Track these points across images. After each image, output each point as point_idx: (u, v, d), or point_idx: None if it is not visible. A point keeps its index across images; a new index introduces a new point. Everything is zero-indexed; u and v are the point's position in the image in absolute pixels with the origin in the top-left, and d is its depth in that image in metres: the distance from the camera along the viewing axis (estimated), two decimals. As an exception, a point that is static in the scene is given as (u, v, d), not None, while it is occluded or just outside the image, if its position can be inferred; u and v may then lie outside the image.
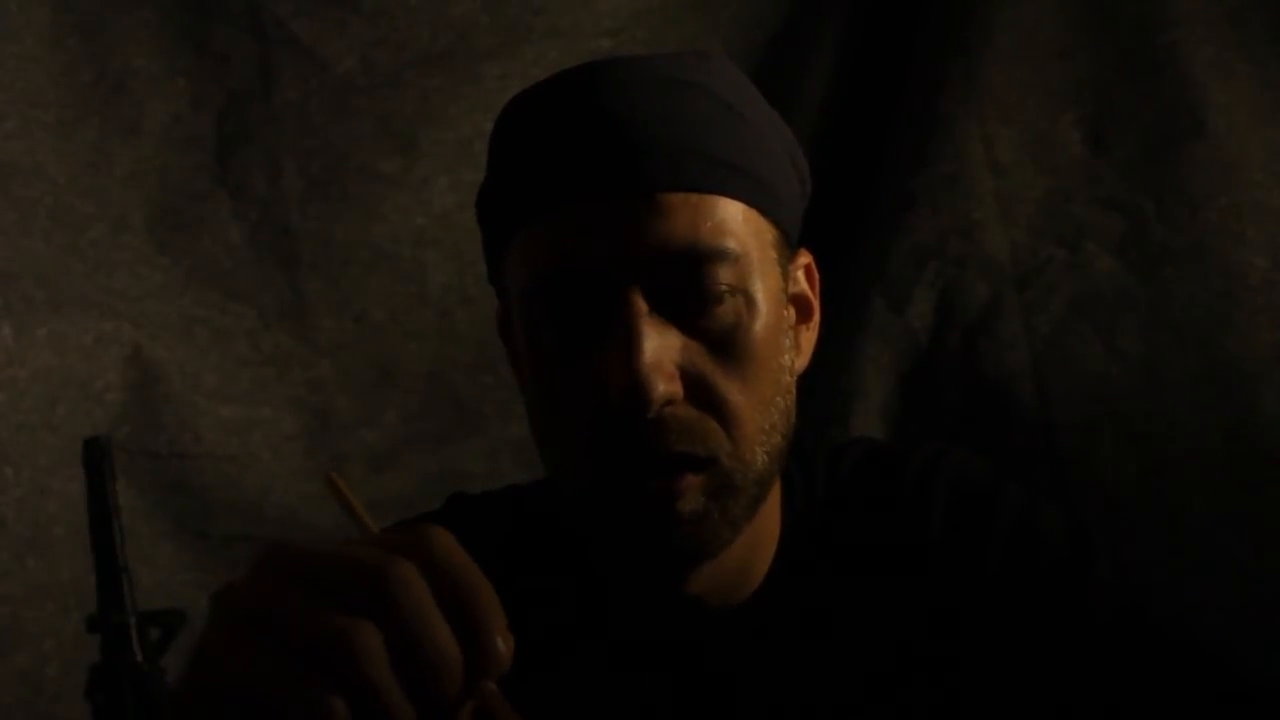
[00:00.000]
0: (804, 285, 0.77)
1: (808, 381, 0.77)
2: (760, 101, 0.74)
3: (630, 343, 0.65)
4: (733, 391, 0.68)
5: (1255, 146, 1.69)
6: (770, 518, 0.76)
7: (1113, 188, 1.72)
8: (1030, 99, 1.76)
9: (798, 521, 0.79)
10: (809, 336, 0.77)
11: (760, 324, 0.69)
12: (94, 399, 1.60)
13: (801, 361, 0.76)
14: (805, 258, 0.77)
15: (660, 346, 0.66)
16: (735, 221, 0.68)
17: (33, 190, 1.60)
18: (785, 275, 0.73)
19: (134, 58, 1.67)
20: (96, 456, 1.24)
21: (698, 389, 0.67)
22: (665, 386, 0.65)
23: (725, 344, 0.68)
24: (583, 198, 0.67)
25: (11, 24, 1.60)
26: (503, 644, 0.45)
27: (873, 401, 1.72)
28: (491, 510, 0.83)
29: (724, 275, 0.67)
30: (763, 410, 0.69)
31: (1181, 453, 1.63)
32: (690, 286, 0.67)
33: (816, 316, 0.78)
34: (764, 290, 0.69)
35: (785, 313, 0.73)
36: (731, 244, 0.67)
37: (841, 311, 1.68)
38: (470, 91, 1.75)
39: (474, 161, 1.70)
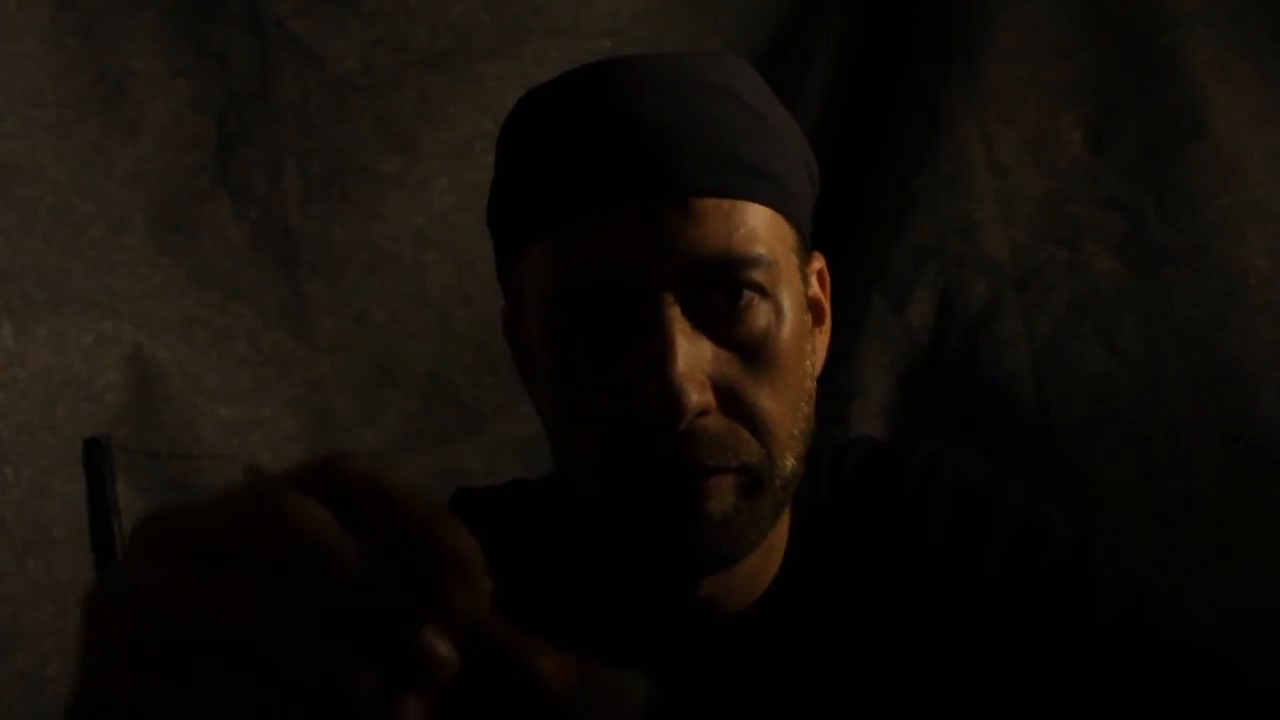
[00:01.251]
0: (817, 288, 0.76)
1: (808, 382, 0.77)
2: (776, 102, 0.73)
3: (664, 352, 0.63)
4: (763, 399, 0.67)
5: (1255, 146, 1.68)
6: (783, 521, 0.76)
7: (1113, 188, 1.72)
8: (1030, 99, 1.76)
9: (804, 524, 0.79)
10: (823, 340, 0.77)
11: (788, 330, 0.68)
12: (94, 399, 1.60)
13: (818, 366, 0.75)
14: (819, 261, 0.77)
15: (693, 355, 0.64)
16: (765, 227, 0.67)
17: (33, 190, 1.60)
18: (804, 279, 0.73)
19: (134, 58, 1.67)
20: (96, 456, 1.24)
21: (729, 398, 0.66)
22: (699, 397, 0.64)
23: (756, 352, 0.67)
24: (612, 202, 0.65)
25: (11, 24, 1.59)
26: (451, 540, 0.37)
27: (873, 401, 1.72)
28: (496, 504, 0.83)
29: (756, 282, 0.66)
30: (792, 416, 0.69)
31: (1181, 453, 1.63)
32: (722, 294, 0.66)
33: (828, 320, 0.77)
34: (790, 296, 0.69)
35: (806, 317, 0.72)
36: (763, 250, 0.66)
37: (841, 311, 1.67)
38: (470, 91, 1.75)
39: (474, 161, 1.70)
